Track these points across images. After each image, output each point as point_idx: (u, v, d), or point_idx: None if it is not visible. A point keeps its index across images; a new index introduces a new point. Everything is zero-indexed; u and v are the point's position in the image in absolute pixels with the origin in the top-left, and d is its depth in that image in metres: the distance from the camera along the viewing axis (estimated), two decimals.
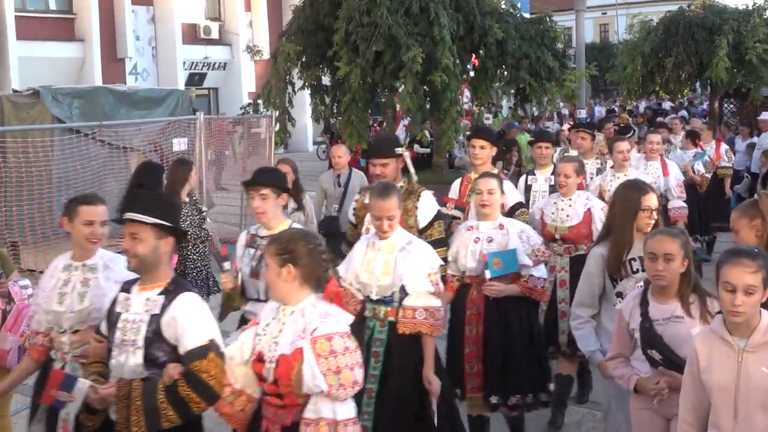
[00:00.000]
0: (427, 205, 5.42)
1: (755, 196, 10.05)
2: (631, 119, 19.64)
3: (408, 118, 13.99)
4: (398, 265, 4.53)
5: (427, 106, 12.60)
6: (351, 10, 11.66)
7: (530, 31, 13.14)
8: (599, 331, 4.55)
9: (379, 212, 4.59)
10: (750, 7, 19.85)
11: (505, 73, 13.28)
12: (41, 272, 10.15)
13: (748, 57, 18.45)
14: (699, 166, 10.16)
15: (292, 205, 6.62)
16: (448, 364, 5.30)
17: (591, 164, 8.07)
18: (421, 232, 5.25)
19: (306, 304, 3.36)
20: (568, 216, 6.02)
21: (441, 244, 5.29)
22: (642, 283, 4.23)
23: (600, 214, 5.84)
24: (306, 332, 3.24)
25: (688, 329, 3.67)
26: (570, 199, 6.05)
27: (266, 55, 16.64)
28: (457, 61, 11.95)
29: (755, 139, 14.87)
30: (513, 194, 6.11)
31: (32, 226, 9.55)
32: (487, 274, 5.05)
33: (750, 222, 4.11)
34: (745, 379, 3.19)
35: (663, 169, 8.48)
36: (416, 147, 14.13)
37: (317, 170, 23.45)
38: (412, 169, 5.69)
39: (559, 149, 10.02)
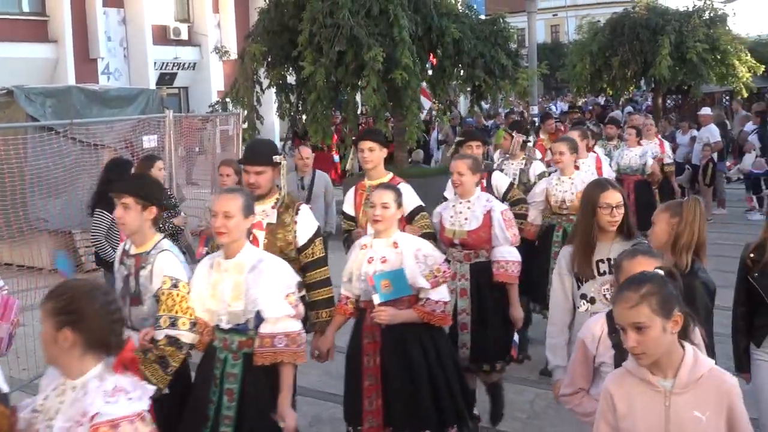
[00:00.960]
0: (306, 221, 4.69)
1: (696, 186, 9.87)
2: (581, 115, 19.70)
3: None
4: (250, 287, 3.77)
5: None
6: (314, 12, 11.61)
7: (485, 31, 13.16)
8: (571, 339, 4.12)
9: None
10: (690, 9, 20.10)
11: (462, 71, 13.28)
12: (18, 266, 10.04)
13: (688, 56, 18.70)
14: (651, 162, 10.07)
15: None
16: (346, 399, 4.68)
17: (515, 164, 7.60)
18: (300, 251, 4.63)
19: (89, 378, 2.52)
20: (466, 219, 5.33)
21: (322, 263, 4.72)
22: (607, 288, 4.03)
23: (499, 217, 5.27)
24: (86, 417, 2.41)
25: None
26: (469, 202, 5.36)
27: (234, 56, 16.45)
28: (417, 60, 11.93)
29: (695, 133, 15.07)
30: (412, 199, 5.31)
31: (7, 221, 9.37)
32: (376, 299, 4.34)
33: (669, 218, 4.00)
34: (676, 426, 2.69)
35: (597, 168, 7.99)
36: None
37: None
38: (282, 181, 4.81)
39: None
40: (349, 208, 5.65)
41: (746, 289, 4.31)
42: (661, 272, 2.83)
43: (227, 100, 13.91)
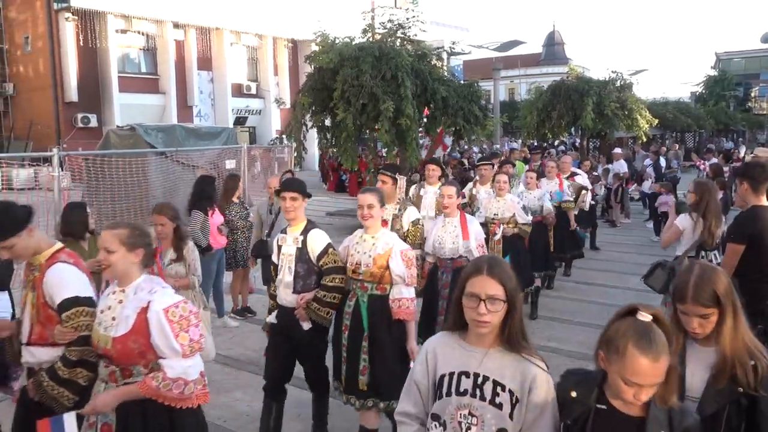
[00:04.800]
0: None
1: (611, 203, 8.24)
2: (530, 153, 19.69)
3: (449, 137, 14.01)
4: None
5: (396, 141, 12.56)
6: (345, 76, 11.65)
7: (464, 91, 13.16)
8: None
9: None
10: (607, 79, 20.12)
11: (447, 119, 13.28)
12: None
13: (605, 111, 18.72)
14: (548, 204, 7.56)
15: (171, 255, 4.73)
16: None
17: (389, 209, 5.11)
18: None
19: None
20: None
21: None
22: (467, 414, 2.03)
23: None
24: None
25: None
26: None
27: (288, 105, 16.48)
28: (416, 111, 11.96)
29: (609, 166, 15.08)
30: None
31: (129, 216, 9.48)
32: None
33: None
34: None
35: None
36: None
37: (319, 184, 23.45)
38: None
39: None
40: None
41: None
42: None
43: (283, 136, 13.97)
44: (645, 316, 1.85)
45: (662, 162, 16.35)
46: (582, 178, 9.76)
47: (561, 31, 62.65)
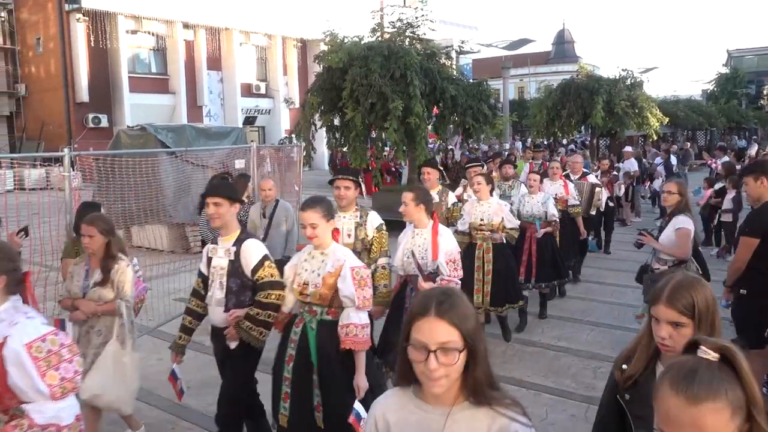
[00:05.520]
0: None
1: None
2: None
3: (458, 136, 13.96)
4: None
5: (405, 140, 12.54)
6: (354, 75, 11.63)
7: (473, 90, 13.11)
8: None
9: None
10: (617, 77, 19.99)
11: (456, 118, 13.24)
12: (147, 248, 10.09)
13: (616, 110, 18.60)
14: (552, 209, 6.80)
15: (97, 276, 3.84)
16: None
17: (349, 217, 4.52)
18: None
19: None
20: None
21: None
22: None
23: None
24: None
25: None
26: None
27: (297, 105, 16.51)
28: (425, 110, 11.93)
29: (620, 164, 14.97)
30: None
31: (139, 215, 9.53)
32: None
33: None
34: None
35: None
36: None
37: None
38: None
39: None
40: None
41: (615, 411, 2.05)
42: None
43: (292, 136, 13.98)
44: (707, 353, 1.30)
45: (673, 161, 16.23)
46: (593, 179, 9.12)
47: (571, 29, 62.66)
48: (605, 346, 6.03)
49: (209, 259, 3.61)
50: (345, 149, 13.48)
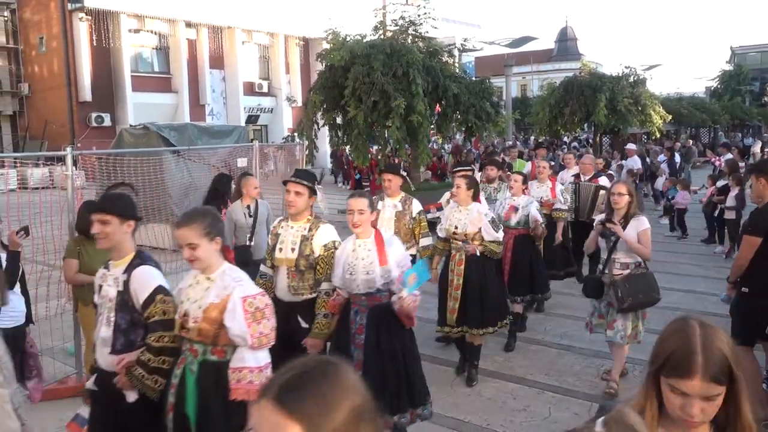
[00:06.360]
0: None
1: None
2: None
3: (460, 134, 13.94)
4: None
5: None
6: (356, 74, 11.64)
7: (476, 88, 13.12)
8: None
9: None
10: (620, 74, 19.96)
11: (458, 116, 13.23)
12: (150, 246, 10.14)
13: (619, 107, 18.58)
14: (535, 212, 6.07)
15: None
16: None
17: (296, 228, 4.02)
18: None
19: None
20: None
21: None
22: None
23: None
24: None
25: None
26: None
27: (299, 103, 16.54)
28: (427, 108, 11.93)
29: (623, 162, 14.94)
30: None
31: (145, 212, 9.53)
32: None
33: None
34: None
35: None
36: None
37: (331, 181, 23.47)
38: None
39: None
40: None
41: None
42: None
43: (294, 134, 14.00)
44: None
45: (677, 158, 16.18)
46: (605, 182, 8.02)
47: (573, 26, 62.57)
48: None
49: (99, 287, 2.91)
50: (347, 147, 13.50)
